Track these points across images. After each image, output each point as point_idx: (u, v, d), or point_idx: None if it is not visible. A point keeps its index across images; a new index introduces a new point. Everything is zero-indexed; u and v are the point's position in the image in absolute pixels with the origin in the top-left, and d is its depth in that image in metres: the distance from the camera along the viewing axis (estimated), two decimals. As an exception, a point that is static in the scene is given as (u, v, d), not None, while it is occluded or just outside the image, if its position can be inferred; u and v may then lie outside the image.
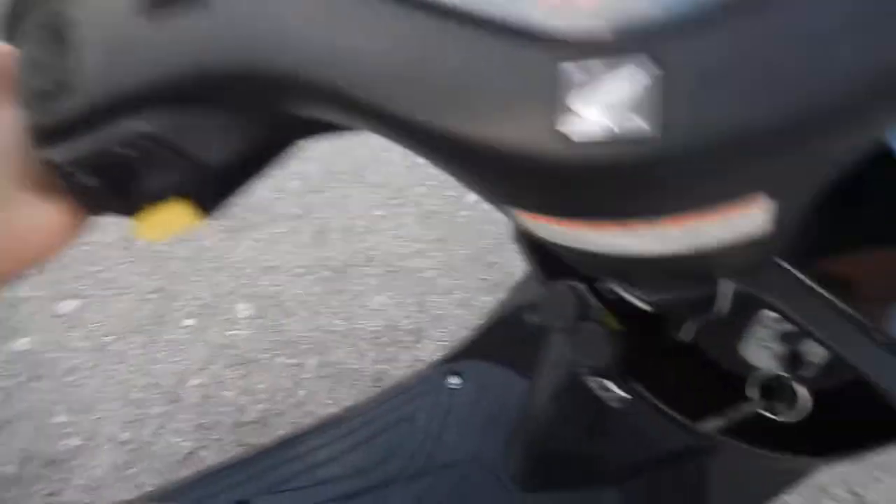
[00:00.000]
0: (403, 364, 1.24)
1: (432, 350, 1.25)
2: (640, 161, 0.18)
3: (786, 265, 0.35)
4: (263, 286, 1.36)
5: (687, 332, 0.45)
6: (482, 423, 0.91)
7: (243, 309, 1.33)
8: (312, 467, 0.82)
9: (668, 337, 0.48)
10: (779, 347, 0.48)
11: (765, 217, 0.22)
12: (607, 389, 0.62)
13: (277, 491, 0.78)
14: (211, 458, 1.15)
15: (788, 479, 0.89)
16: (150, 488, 0.90)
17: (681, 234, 0.22)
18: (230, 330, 1.31)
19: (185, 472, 1.06)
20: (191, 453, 1.17)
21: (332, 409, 1.15)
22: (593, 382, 0.61)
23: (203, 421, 1.20)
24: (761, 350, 0.48)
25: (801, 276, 0.35)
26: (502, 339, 0.96)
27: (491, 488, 0.85)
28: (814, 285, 0.35)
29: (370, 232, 1.44)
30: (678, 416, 0.53)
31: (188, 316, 1.33)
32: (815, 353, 0.48)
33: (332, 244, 1.43)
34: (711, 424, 0.46)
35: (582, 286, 0.52)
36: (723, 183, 0.20)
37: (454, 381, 0.95)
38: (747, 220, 0.22)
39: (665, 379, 0.55)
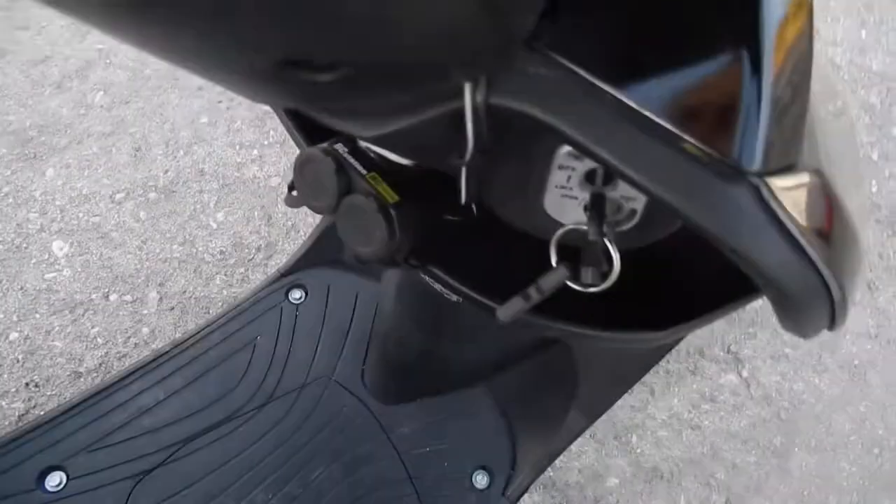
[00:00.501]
0: (256, 283, 1.14)
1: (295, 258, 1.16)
2: None
3: (553, 55, 0.27)
4: (80, 218, 1.19)
5: (469, 187, 0.37)
6: (332, 337, 0.84)
7: (60, 247, 1.16)
8: (136, 415, 0.72)
9: (456, 204, 0.40)
10: (583, 193, 0.41)
11: None
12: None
13: (94, 449, 0.68)
14: (49, 416, 1.03)
15: (654, 354, 0.90)
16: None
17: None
18: (48, 272, 1.14)
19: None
20: (24, 415, 1.04)
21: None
22: (426, 278, 0.54)
23: (33, 377, 1.06)
24: (566, 202, 0.42)
25: (579, 71, 0.27)
26: (342, 241, 0.88)
27: (350, 407, 0.79)
28: (595, 81, 0.27)
29: (197, 142, 1.28)
30: (484, 300, 0.47)
31: (-5, 264, 1.15)
32: (626, 196, 0.42)
33: (154, 161, 1.26)
34: (515, 304, 0.39)
35: (344, 149, 0.43)
36: None
37: (296, 294, 0.87)
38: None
39: (468, 260, 0.48)
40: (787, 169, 0.28)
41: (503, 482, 0.75)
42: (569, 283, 0.39)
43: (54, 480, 0.66)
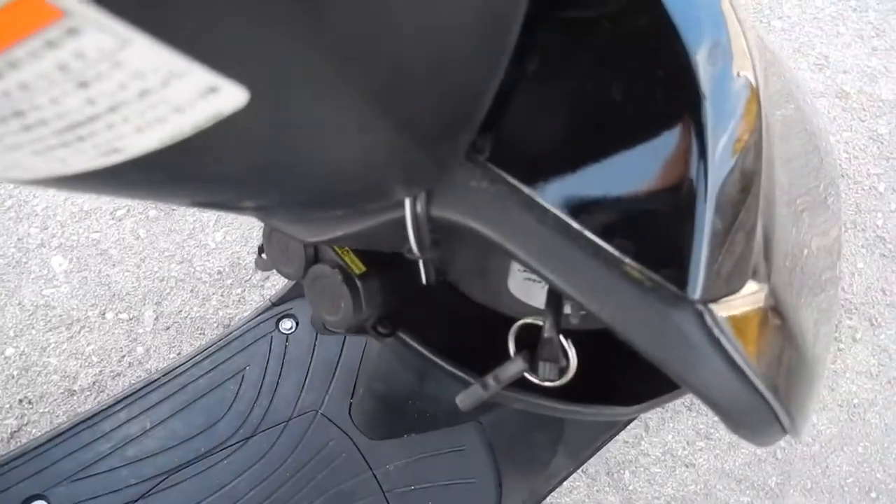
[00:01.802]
0: (252, 306, 1.14)
1: (283, 287, 1.16)
2: None
3: (495, 170, 0.27)
4: (80, 234, 1.20)
5: (428, 272, 0.37)
6: (321, 370, 0.84)
7: (59, 263, 1.17)
8: (121, 445, 0.72)
9: (419, 279, 0.39)
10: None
11: (117, 39, 0.11)
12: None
13: (77, 479, 0.68)
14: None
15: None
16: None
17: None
18: (47, 288, 1.15)
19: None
20: (17, 432, 1.04)
21: (172, 364, 1.05)
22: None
23: (27, 394, 1.07)
24: (531, 284, 0.41)
25: (522, 188, 0.27)
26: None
27: (337, 441, 0.79)
28: (539, 200, 0.27)
29: (200, 161, 1.28)
30: (455, 371, 0.46)
31: (-5, 278, 1.16)
32: None
33: (156, 179, 1.26)
34: (474, 392, 0.39)
35: None
36: None
37: (287, 325, 0.87)
38: (86, 45, 0.11)
39: (439, 328, 0.48)
40: (735, 291, 0.27)
41: (487, 524, 0.75)
42: (526, 375, 0.39)
43: (35, 511, 0.66)
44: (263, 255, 0.45)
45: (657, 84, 0.25)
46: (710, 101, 0.25)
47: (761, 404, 0.28)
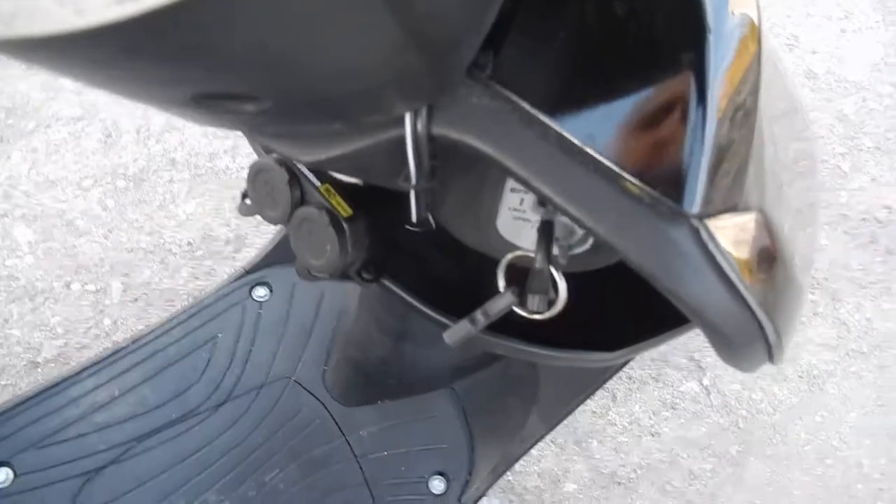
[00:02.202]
0: (223, 277, 1.13)
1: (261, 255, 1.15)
2: None
3: (496, 87, 0.27)
4: (45, 204, 1.17)
5: (419, 208, 0.37)
6: (295, 337, 0.83)
7: (23, 233, 1.14)
8: (89, 412, 0.71)
9: (409, 219, 0.40)
10: (537, 216, 0.41)
11: None
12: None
13: (44, 445, 0.67)
14: (6, 405, 1.01)
15: (609, 367, 0.90)
16: None
17: None
18: (10, 258, 1.12)
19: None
20: (-20, 404, 1.02)
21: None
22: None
23: (-9, 366, 1.05)
24: (520, 224, 0.42)
25: (522, 104, 0.27)
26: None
27: (309, 408, 0.79)
28: (539, 115, 0.27)
29: (169, 130, 1.26)
30: (440, 317, 0.47)
31: (-45, 248, 1.12)
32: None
33: (124, 148, 1.24)
34: (462, 327, 0.39)
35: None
36: None
37: (261, 292, 0.86)
38: None
39: (423, 273, 0.48)
40: (730, 209, 0.28)
41: (459, 488, 0.76)
42: (515, 309, 0.39)
43: (0, 476, 0.65)
44: (247, 201, 0.45)
45: (661, 8, 0.26)
46: (713, 31, 0.26)
47: (750, 319, 0.29)
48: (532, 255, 0.41)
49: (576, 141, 0.27)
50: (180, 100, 0.22)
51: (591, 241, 0.44)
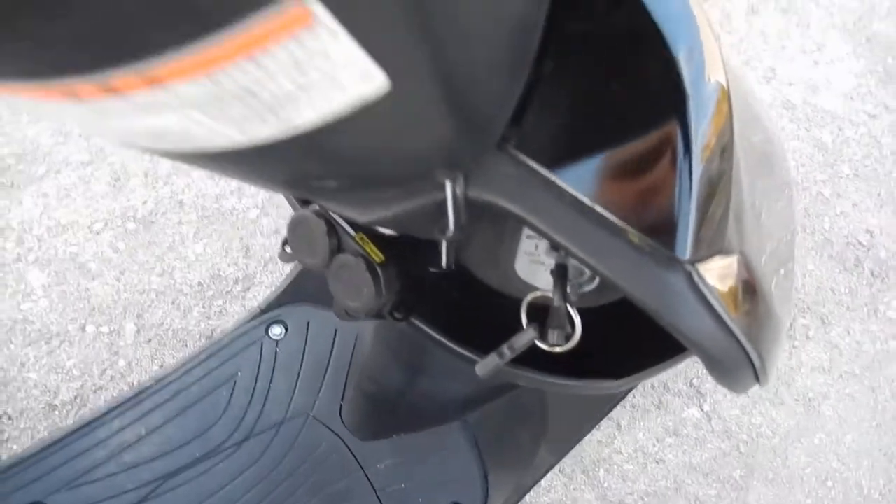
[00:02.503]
0: (234, 317, 1.15)
1: (264, 297, 1.17)
2: None
3: (521, 156, 0.31)
4: (57, 248, 1.19)
5: (448, 256, 0.42)
6: (311, 374, 0.86)
7: (37, 277, 1.17)
8: (117, 452, 0.73)
9: (436, 263, 0.44)
10: (550, 261, 0.45)
11: (348, 46, 0.15)
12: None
13: (76, 486, 0.69)
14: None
15: (614, 396, 0.94)
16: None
17: (227, 95, 0.15)
18: (25, 302, 1.14)
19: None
20: (-4, 447, 1.03)
21: (156, 375, 1.06)
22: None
23: (6, 410, 1.06)
24: (535, 267, 0.46)
25: (542, 171, 0.32)
26: (321, 278, 0.91)
27: (328, 443, 0.81)
28: (556, 180, 0.32)
29: (176, 173, 1.30)
30: (464, 352, 0.50)
31: (-31, 293, 1.15)
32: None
33: (133, 191, 1.27)
34: (491, 360, 0.43)
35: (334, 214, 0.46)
36: None
37: (276, 331, 0.89)
38: (321, 53, 0.15)
39: (447, 312, 0.52)
40: (715, 253, 0.33)
41: (475, 517, 0.78)
42: (537, 343, 0.43)
43: (36, 518, 0.67)
44: (287, 249, 0.48)
45: (649, 82, 0.31)
46: (692, 99, 0.31)
47: (737, 348, 0.34)
48: (547, 294, 0.45)
49: (586, 201, 0.31)
50: (278, 180, 0.26)
51: (597, 280, 0.48)
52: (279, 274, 1.21)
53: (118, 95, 0.14)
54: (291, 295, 0.92)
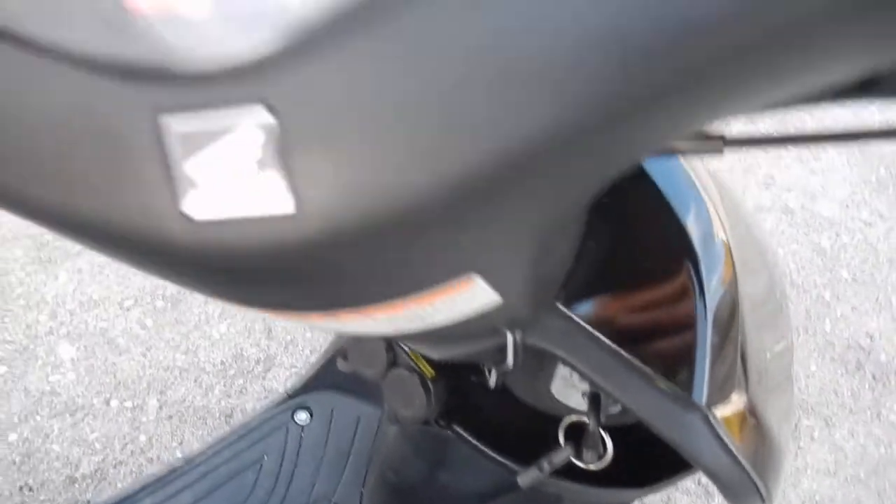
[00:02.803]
0: (254, 396, 1.19)
1: (284, 378, 1.22)
2: (281, 245, 0.13)
3: (568, 313, 0.38)
4: (88, 323, 1.24)
5: (495, 378, 0.47)
6: (334, 460, 0.89)
7: (67, 350, 1.21)
8: (148, 533, 0.76)
9: (482, 381, 0.49)
10: (582, 385, 0.51)
11: (488, 291, 0.21)
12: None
13: (107, 566, 0.72)
14: (38, 522, 1.04)
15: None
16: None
17: (404, 318, 0.21)
18: (53, 374, 1.18)
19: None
20: (13, 520, 1.05)
21: (179, 454, 1.09)
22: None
23: (27, 481, 1.08)
24: (569, 389, 0.51)
25: (585, 326, 0.38)
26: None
27: (346, 526, 0.84)
28: (596, 333, 0.38)
29: (209, 256, 1.36)
30: (501, 459, 0.55)
31: (-1, 363, 1.19)
32: None
33: (166, 272, 1.33)
34: (532, 473, 0.48)
35: None
36: (407, 270, 0.17)
37: (302, 416, 0.93)
38: (470, 297, 0.21)
39: (486, 421, 0.57)
40: (726, 397, 0.39)
41: None
42: (572, 459, 0.48)
43: None
44: (346, 360, 0.54)
45: (666, 250, 0.37)
46: (702, 259, 0.38)
47: (746, 479, 0.39)
48: (582, 417, 0.51)
49: (622, 352, 0.38)
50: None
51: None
52: (299, 356, 1.26)
53: (333, 317, 0.20)
54: (317, 382, 0.96)
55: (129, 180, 0.13)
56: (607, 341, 0.37)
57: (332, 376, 0.97)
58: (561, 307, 0.37)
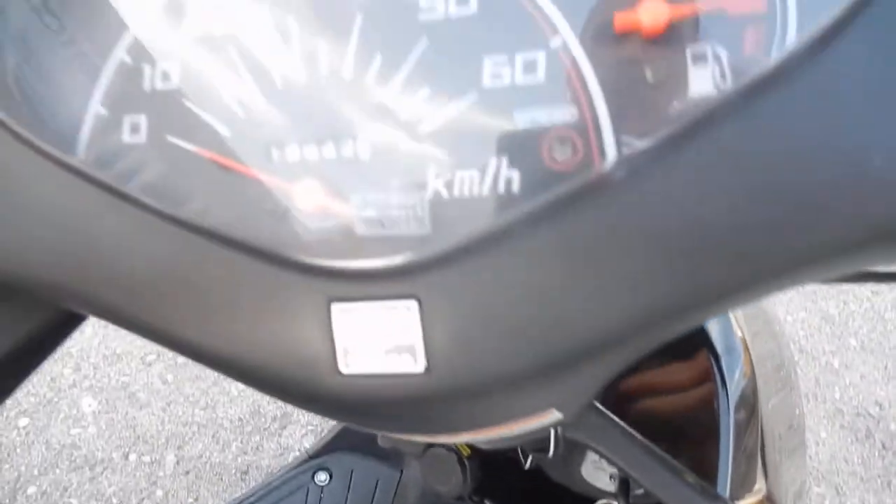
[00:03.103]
0: (269, 453, 1.21)
1: (300, 436, 1.23)
2: (410, 395, 0.19)
3: (604, 411, 0.41)
4: (111, 377, 1.27)
5: (531, 462, 0.50)
6: (351, 521, 0.91)
7: (89, 403, 1.23)
8: None
9: (516, 459, 0.52)
10: (610, 469, 0.54)
11: (558, 415, 0.26)
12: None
13: None
14: (52, 577, 1.05)
15: None
16: None
17: (483, 435, 0.26)
18: (74, 427, 1.20)
19: None
20: (27, 575, 1.06)
21: (193, 510, 1.10)
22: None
23: (42, 535, 1.09)
24: (598, 472, 0.54)
25: (619, 422, 0.41)
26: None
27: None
28: (629, 430, 0.41)
29: (230, 312, 1.40)
30: None
31: (22, 414, 1.21)
32: None
33: (188, 327, 1.37)
34: None
35: None
36: (504, 408, 0.22)
37: (322, 477, 0.95)
38: (542, 421, 0.25)
39: (517, 499, 0.60)
40: (747, 491, 0.42)
41: None
42: None
43: None
44: (384, 435, 0.57)
45: (688, 348, 0.41)
46: (722, 356, 0.41)
47: None
48: (609, 497, 0.54)
49: (654, 448, 0.41)
50: None
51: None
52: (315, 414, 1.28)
53: (432, 437, 0.25)
54: (337, 443, 0.98)
55: (299, 342, 0.18)
56: (639, 436, 0.40)
57: (351, 438, 0.99)
58: (598, 406, 0.40)
